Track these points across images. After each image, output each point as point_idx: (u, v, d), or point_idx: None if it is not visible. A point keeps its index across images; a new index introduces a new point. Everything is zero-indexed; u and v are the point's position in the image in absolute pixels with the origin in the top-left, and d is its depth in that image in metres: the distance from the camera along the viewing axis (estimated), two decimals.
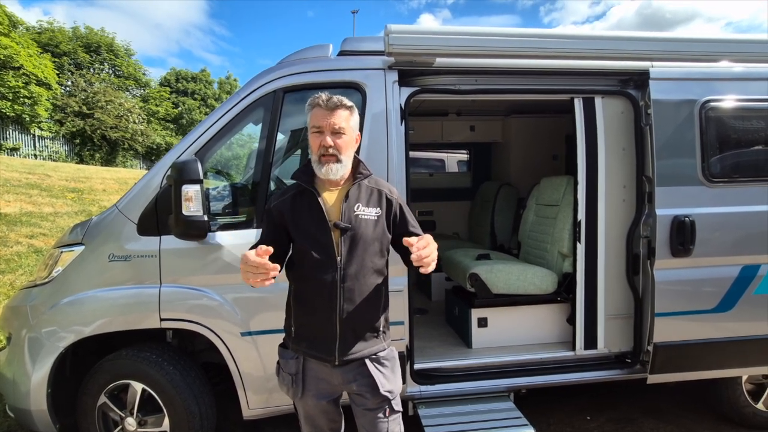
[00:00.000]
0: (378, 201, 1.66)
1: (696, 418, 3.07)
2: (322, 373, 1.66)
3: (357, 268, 1.59)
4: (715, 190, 2.57)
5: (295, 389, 1.66)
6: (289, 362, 1.68)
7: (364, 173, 1.67)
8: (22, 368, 2.29)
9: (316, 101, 1.59)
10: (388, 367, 1.69)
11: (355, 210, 1.60)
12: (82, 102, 22.16)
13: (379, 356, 1.67)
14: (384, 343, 1.70)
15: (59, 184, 10.61)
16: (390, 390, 1.67)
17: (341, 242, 1.57)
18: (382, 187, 1.71)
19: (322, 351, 1.61)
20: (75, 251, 2.36)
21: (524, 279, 3.04)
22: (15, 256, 6.21)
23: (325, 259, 1.57)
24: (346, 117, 1.60)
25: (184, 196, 2.07)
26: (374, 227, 1.62)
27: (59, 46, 24.74)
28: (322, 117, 1.57)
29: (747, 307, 2.58)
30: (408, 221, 1.72)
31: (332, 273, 1.56)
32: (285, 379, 1.69)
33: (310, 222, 1.60)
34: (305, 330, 1.65)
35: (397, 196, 1.73)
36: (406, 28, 2.34)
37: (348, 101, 1.62)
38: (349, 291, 1.58)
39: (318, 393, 1.67)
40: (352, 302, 1.59)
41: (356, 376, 1.64)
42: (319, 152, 1.58)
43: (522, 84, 2.67)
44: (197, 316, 2.30)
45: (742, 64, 2.67)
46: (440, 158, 6.83)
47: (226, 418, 2.93)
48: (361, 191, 1.65)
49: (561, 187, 3.35)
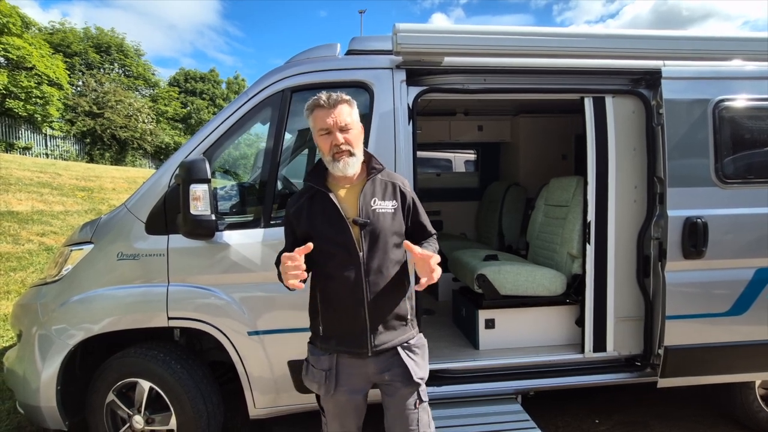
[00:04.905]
0: (393, 193, 1.69)
1: (708, 423, 3.01)
2: (355, 367, 1.67)
3: (379, 261, 1.61)
4: (728, 191, 2.52)
5: (328, 386, 1.66)
6: (321, 359, 1.69)
7: (377, 167, 1.70)
8: (32, 365, 2.31)
9: (316, 102, 1.61)
10: (419, 354, 1.73)
11: (372, 205, 1.63)
12: (92, 102, 22.42)
13: (410, 344, 1.71)
14: (413, 330, 1.74)
15: (70, 182, 10.74)
16: (422, 377, 1.71)
17: (362, 238, 1.60)
18: (395, 179, 1.74)
19: (353, 345, 1.64)
20: (84, 249, 2.38)
21: (532, 280, 3.01)
22: (26, 253, 6.30)
23: (348, 257, 1.59)
24: (349, 111, 1.62)
25: (192, 195, 2.08)
26: (392, 219, 1.65)
27: (70, 47, 25.07)
28: (325, 117, 1.58)
29: (761, 311, 2.53)
30: (420, 214, 1.76)
31: (356, 269, 1.59)
32: (316, 376, 1.69)
33: (327, 222, 1.61)
34: (334, 327, 1.67)
35: (410, 189, 1.76)
36: (414, 27, 2.32)
37: (346, 95, 1.64)
38: (374, 284, 1.60)
39: (351, 388, 1.68)
40: (378, 295, 1.61)
41: (389, 365, 1.67)
42: (331, 151, 1.60)
43: (531, 83, 2.64)
44: (205, 315, 2.30)
45: (756, 63, 2.62)
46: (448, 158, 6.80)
47: (234, 417, 2.94)
48: (375, 185, 1.67)
49: (571, 187, 3.32)
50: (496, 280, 3.01)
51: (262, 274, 2.31)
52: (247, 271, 2.31)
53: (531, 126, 4.87)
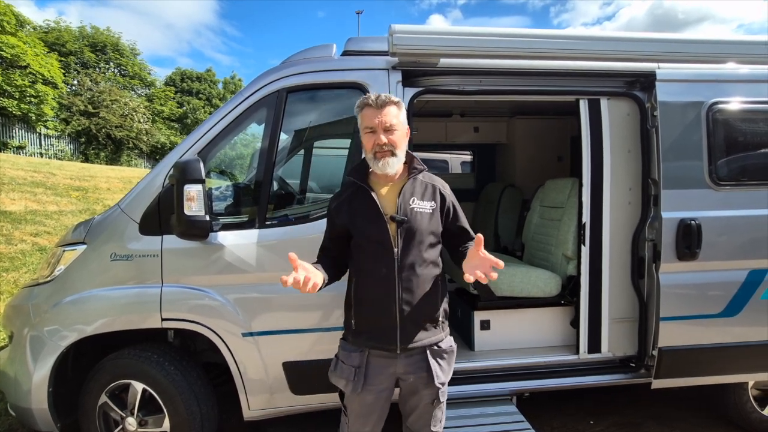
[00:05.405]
0: (432, 195, 1.73)
1: (702, 424, 3.03)
2: (383, 366, 1.70)
3: (413, 259, 1.65)
4: (722, 193, 2.54)
5: (356, 383, 1.68)
6: (351, 355, 1.71)
7: (418, 168, 1.75)
8: (24, 367, 2.29)
9: (365, 101, 1.66)
10: (446, 359, 1.76)
11: (411, 203, 1.67)
12: (87, 101, 22.30)
13: (440, 347, 1.73)
14: (442, 333, 1.76)
15: (64, 182, 10.66)
16: (443, 382, 1.74)
17: (398, 235, 1.63)
18: (435, 182, 1.78)
19: (383, 341, 1.66)
20: (77, 250, 2.36)
21: (528, 281, 3.01)
22: (19, 254, 6.24)
23: (383, 252, 1.63)
24: (396, 113, 1.66)
25: (186, 195, 2.07)
26: (429, 220, 1.69)
27: (65, 46, 24.92)
28: (372, 116, 1.64)
29: (754, 312, 2.55)
30: (459, 218, 1.81)
31: (390, 265, 1.63)
32: (344, 372, 1.71)
33: (366, 217, 1.66)
34: (365, 322, 1.70)
35: (450, 192, 1.80)
36: (410, 28, 2.32)
37: (395, 97, 1.69)
38: (406, 282, 1.64)
39: (378, 388, 1.71)
40: (410, 293, 1.64)
41: (417, 368, 1.70)
42: (373, 150, 1.65)
43: (527, 85, 2.65)
44: (199, 316, 2.29)
45: (749, 66, 2.64)
46: (444, 159, 6.80)
47: (229, 418, 2.92)
48: (415, 186, 1.72)
49: (566, 189, 3.33)
50: (492, 282, 3.00)
51: (257, 275, 2.30)
52: (241, 272, 2.30)
53: (527, 127, 4.87)
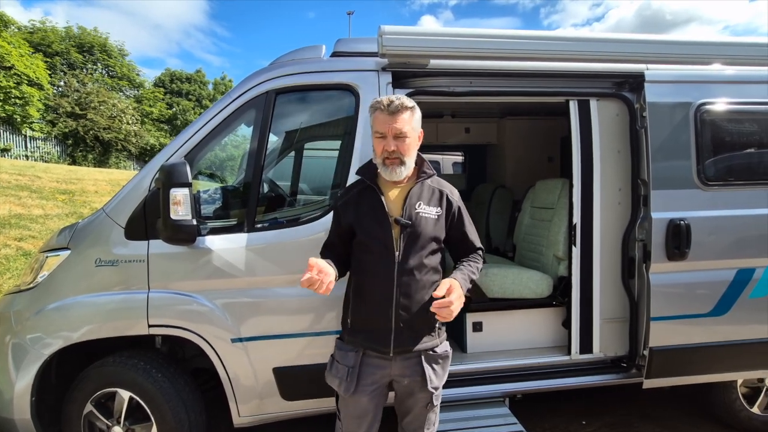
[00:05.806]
0: (439, 200, 1.72)
1: (692, 422, 3.05)
2: (377, 367, 1.69)
3: (414, 263, 1.64)
4: (710, 193, 2.56)
5: (348, 384, 1.67)
6: (347, 354, 1.71)
7: (427, 172, 1.74)
8: (6, 375, 2.22)
9: (377, 105, 1.64)
10: (440, 364, 1.75)
11: (417, 208, 1.66)
12: (74, 102, 21.97)
13: (435, 352, 1.72)
14: (438, 339, 1.75)
15: (50, 185, 10.47)
16: (436, 386, 1.73)
17: (400, 238, 1.63)
18: (443, 187, 1.76)
19: (378, 343, 1.65)
20: (61, 256, 2.30)
21: (519, 282, 3.01)
22: (3, 259, 6.11)
23: (384, 254, 1.63)
24: (408, 119, 1.64)
25: (172, 199, 2.03)
26: (434, 225, 1.68)
27: (51, 46, 24.54)
28: (384, 122, 1.61)
29: (742, 311, 2.57)
30: (464, 224, 1.78)
31: (390, 267, 1.62)
32: (339, 372, 1.70)
33: (371, 217, 1.65)
34: (362, 322, 1.70)
35: (458, 198, 1.79)
36: (400, 29, 2.31)
37: (409, 101, 1.65)
38: (405, 285, 1.63)
39: (372, 390, 1.70)
40: (408, 297, 1.63)
41: (411, 372, 1.70)
42: (382, 155, 1.63)
43: (516, 86, 2.65)
44: (186, 322, 2.25)
45: (736, 67, 2.67)
46: (435, 160, 6.80)
47: (218, 425, 2.87)
48: (423, 190, 1.71)
49: (556, 189, 3.33)
50: (483, 283, 3.01)
51: (246, 279, 2.27)
52: (230, 277, 2.26)
53: (517, 128, 4.89)
